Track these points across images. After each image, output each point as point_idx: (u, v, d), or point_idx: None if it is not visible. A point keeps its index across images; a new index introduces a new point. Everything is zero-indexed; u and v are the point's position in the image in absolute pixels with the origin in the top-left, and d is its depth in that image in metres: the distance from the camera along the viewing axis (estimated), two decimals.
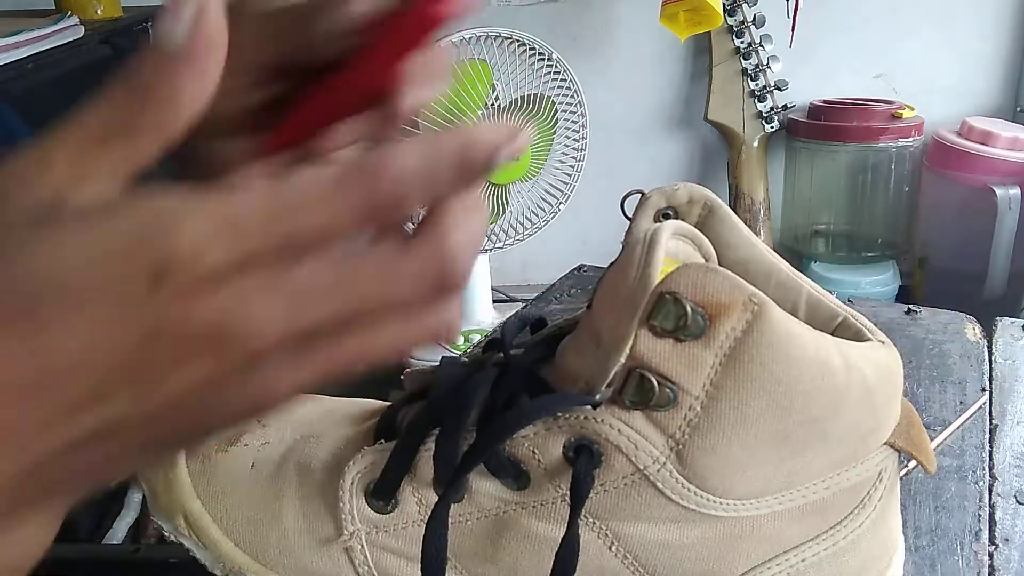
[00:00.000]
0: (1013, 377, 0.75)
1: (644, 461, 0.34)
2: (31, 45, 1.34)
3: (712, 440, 0.34)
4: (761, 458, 0.34)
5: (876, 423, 0.37)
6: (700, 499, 0.35)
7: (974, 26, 1.82)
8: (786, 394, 0.33)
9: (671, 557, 0.37)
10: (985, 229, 1.66)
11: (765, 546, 0.37)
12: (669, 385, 0.33)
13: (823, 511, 0.37)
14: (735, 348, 0.32)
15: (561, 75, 1.76)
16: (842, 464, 0.37)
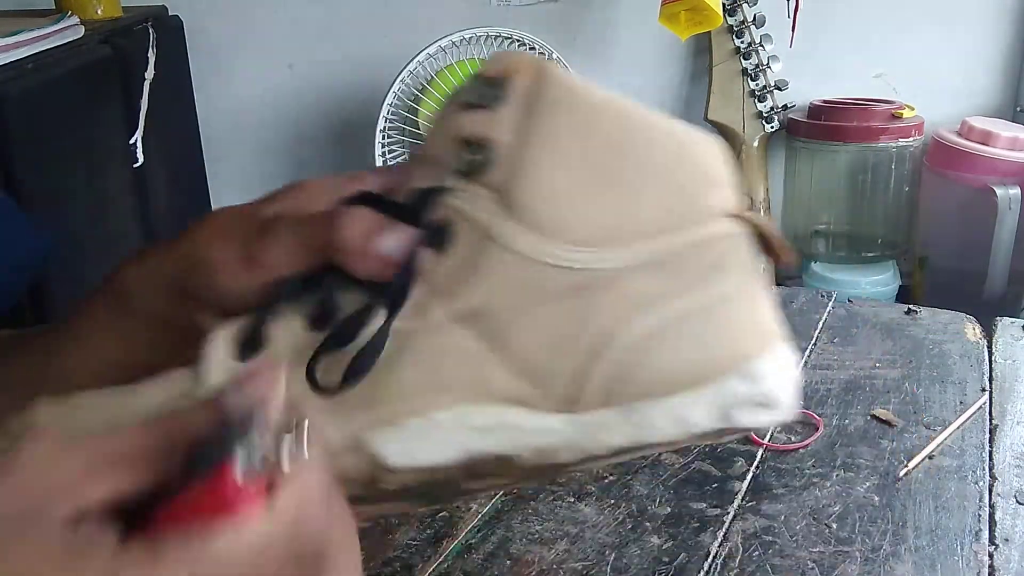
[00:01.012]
0: (1013, 377, 0.75)
1: (478, 217, 0.37)
2: (31, 45, 1.34)
3: (528, 176, 0.37)
4: (581, 188, 0.37)
5: (699, 173, 0.39)
6: (538, 243, 0.36)
7: (974, 26, 1.82)
8: (586, 119, 0.37)
9: (529, 322, 0.37)
10: (985, 229, 1.66)
11: (623, 303, 0.37)
12: (487, 144, 0.37)
13: (676, 269, 0.38)
14: (532, 94, 0.37)
15: None
16: (680, 217, 0.38)
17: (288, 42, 1.99)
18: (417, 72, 1.70)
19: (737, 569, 0.54)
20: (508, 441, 0.36)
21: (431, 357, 0.37)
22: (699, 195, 0.39)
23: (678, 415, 0.37)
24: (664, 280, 0.38)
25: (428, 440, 0.36)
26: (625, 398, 0.37)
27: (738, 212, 0.40)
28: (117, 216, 1.52)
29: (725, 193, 0.39)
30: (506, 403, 0.37)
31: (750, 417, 0.37)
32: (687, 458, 0.65)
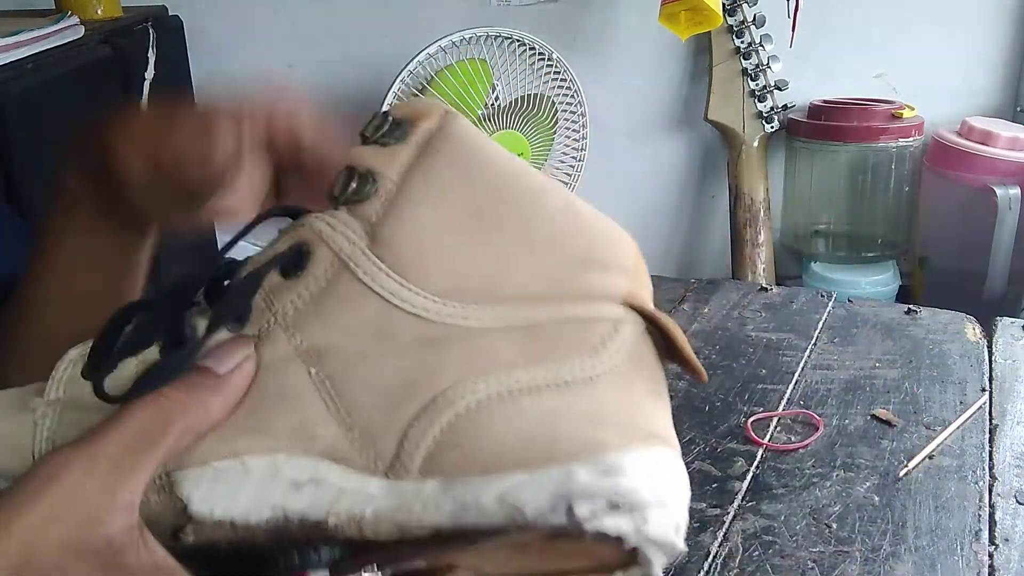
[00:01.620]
0: (1013, 377, 0.75)
1: (340, 244, 0.35)
2: (31, 45, 1.34)
3: (401, 214, 0.35)
4: (454, 237, 0.35)
5: (590, 252, 0.36)
6: (394, 283, 0.34)
7: (974, 26, 1.82)
8: (476, 172, 0.36)
9: (369, 370, 0.34)
10: (985, 229, 1.66)
11: (475, 361, 0.33)
12: (371, 176, 0.36)
13: (540, 340, 0.34)
14: (430, 140, 0.37)
15: (561, 75, 1.76)
16: (559, 289, 0.35)
17: (288, 42, 1.99)
18: (417, 72, 1.70)
19: (737, 569, 0.54)
20: (320, 501, 0.33)
21: (264, 396, 0.34)
22: (585, 273, 0.36)
23: (508, 497, 0.31)
24: (523, 348, 0.34)
25: (236, 489, 0.33)
26: (449, 468, 0.32)
27: (639, 306, 0.36)
28: None
29: (616, 280, 0.36)
30: (326, 458, 0.33)
31: (599, 516, 0.31)
32: (687, 458, 0.65)
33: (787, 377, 0.76)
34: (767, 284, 0.97)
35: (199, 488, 0.33)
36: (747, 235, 1.84)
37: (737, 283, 0.97)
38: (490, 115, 1.70)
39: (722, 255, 1.97)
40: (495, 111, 1.71)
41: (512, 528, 0.32)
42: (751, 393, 0.74)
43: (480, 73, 1.69)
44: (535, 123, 1.73)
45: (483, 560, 0.35)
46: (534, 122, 1.73)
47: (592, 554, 0.33)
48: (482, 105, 1.71)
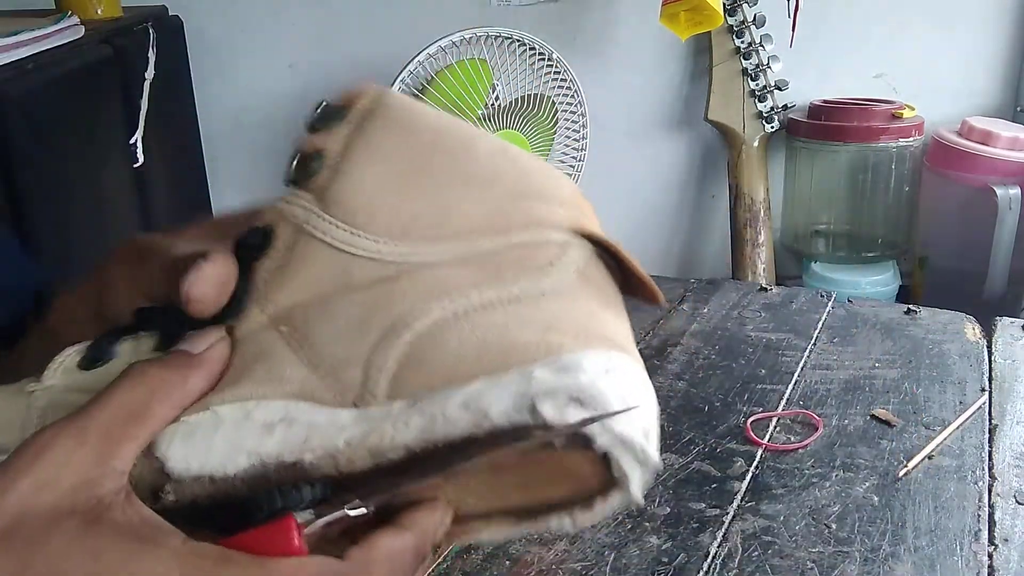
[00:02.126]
0: (1013, 377, 0.75)
1: (295, 212, 0.37)
2: (31, 45, 1.34)
3: (345, 175, 0.38)
4: (396, 186, 0.38)
5: (527, 184, 0.39)
6: (345, 233, 0.37)
7: (974, 26, 1.82)
8: (409, 129, 0.39)
9: (330, 313, 0.35)
10: (985, 229, 1.66)
11: (424, 290, 0.35)
12: (317, 154, 0.38)
13: (489, 265, 0.36)
14: (366, 113, 0.39)
15: (561, 75, 1.76)
16: (502, 222, 0.37)
17: (288, 42, 2.00)
18: (417, 72, 1.70)
19: (736, 569, 0.54)
20: (293, 439, 0.34)
21: (241, 363, 0.36)
22: (525, 203, 0.38)
23: (472, 403, 0.32)
24: (473, 274, 0.36)
25: (209, 439, 0.34)
26: (413, 386, 0.33)
27: (586, 230, 0.38)
28: (117, 216, 1.52)
29: (558, 209, 0.38)
30: (296, 398, 0.34)
31: (562, 412, 0.31)
32: (686, 458, 0.65)
33: (787, 377, 0.76)
34: (767, 284, 0.97)
35: (173, 445, 0.34)
36: (747, 235, 1.84)
37: (737, 283, 0.97)
38: (490, 115, 1.70)
39: (722, 255, 1.97)
40: (495, 111, 1.71)
41: (480, 435, 0.32)
42: (751, 393, 0.74)
43: (480, 73, 1.69)
44: (535, 123, 1.73)
45: (464, 492, 0.36)
46: (534, 122, 1.73)
47: (570, 477, 0.34)
48: (482, 105, 1.71)
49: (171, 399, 0.34)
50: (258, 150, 2.08)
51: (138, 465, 0.34)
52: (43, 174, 1.29)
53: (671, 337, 0.84)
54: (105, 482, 0.31)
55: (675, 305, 0.90)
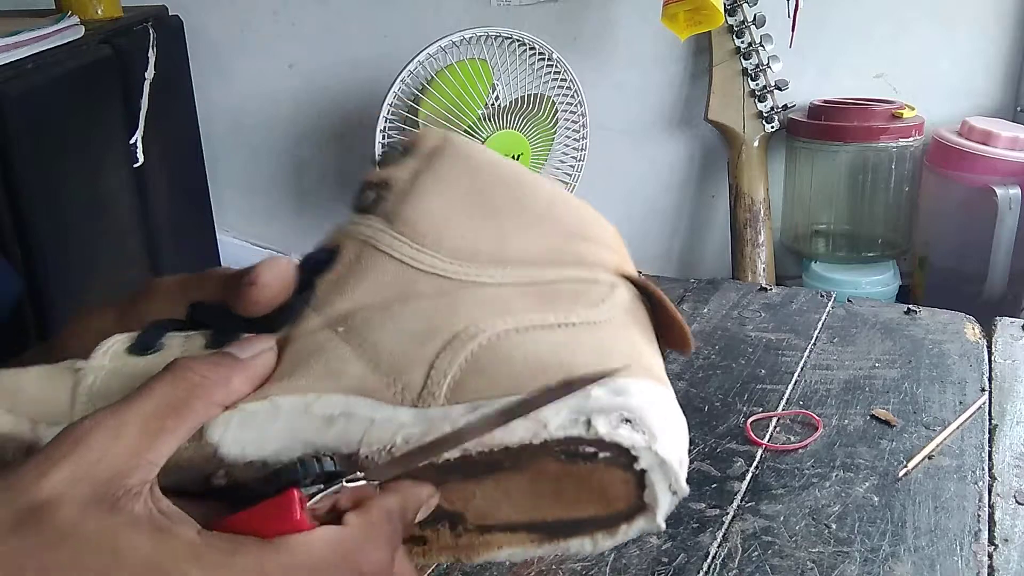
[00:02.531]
0: (1013, 377, 0.75)
1: (363, 231, 0.40)
2: (31, 45, 1.34)
3: (414, 200, 0.40)
4: (462, 213, 0.40)
5: (577, 226, 0.41)
6: (412, 249, 0.38)
7: (974, 26, 1.82)
8: (475, 165, 0.41)
9: (392, 318, 0.37)
10: (985, 229, 1.66)
11: (489, 305, 0.37)
12: (385, 183, 0.41)
13: (552, 296, 0.38)
14: (434, 151, 0.42)
15: (561, 75, 1.76)
16: (559, 256, 0.40)
17: (288, 42, 1.99)
18: (417, 72, 1.70)
19: (736, 569, 0.54)
20: (352, 433, 0.35)
21: (295, 359, 0.37)
22: (579, 244, 0.41)
23: (533, 413, 0.34)
24: (532, 299, 0.38)
25: (266, 428, 0.35)
26: (474, 393, 0.35)
27: (630, 275, 0.41)
28: (117, 216, 1.52)
29: (605, 253, 0.41)
30: (355, 393, 0.35)
31: (613, 429, 0.34)
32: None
33: (787, 377, 0.76)
34: (767, 284, 0.97)
35: (229, 431, 0.35)
36: (747, 235, 1.84)
37: (737, 283, 0.97)
38: (490, 115, 1.70)
39: (722, 255, 1.97)
40: (495, 111, 1.71)
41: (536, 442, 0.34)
42: (750, 393, 0.74)
43: (480, 73, 1.69)
44: (535, 123, 1.73)
45: (499, 498, 0.37)
46: (534, 122, 1.73)
47: (602, 497, 0.36)
48: (482, 105, 1.71)
49: (212, 397, 0.35)
50: (258, 150, 2.08)
51: (188, 449, 0.35)
52: (43, 174, 1.29)
53: None
54: (136, 473, 0.32)
55: (675, 305, 0.90)
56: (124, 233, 1.54)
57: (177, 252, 1.75)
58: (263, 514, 0.33)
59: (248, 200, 2.12)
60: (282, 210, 2.12)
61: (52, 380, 0.38)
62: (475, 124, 1.69)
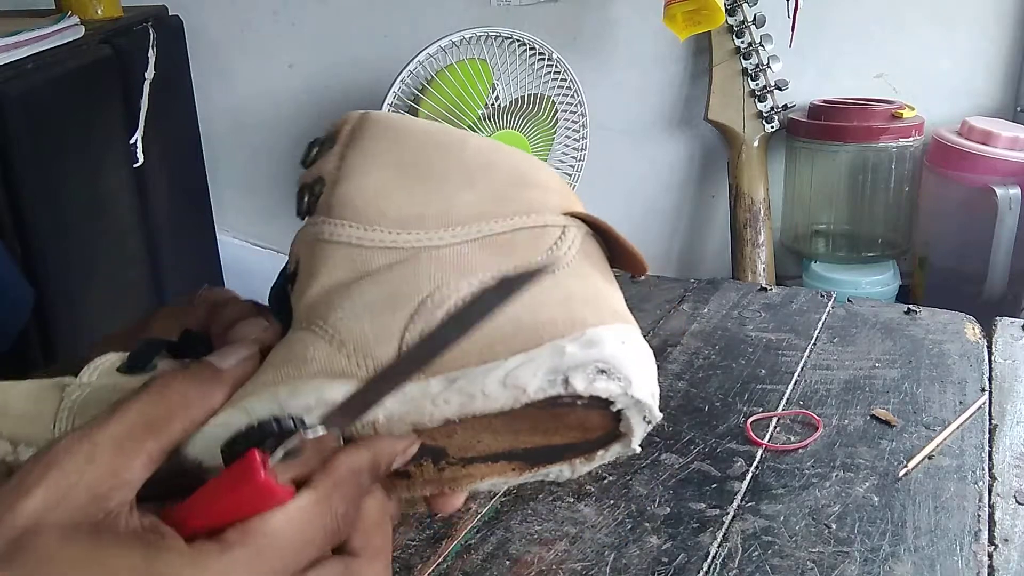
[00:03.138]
0: (1013, 377, 0.75)
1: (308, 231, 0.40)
2: (31, 45, 1.34)
3: (345, 183, 0.39)
4: (399, 180, 0.39)
5: (520, 173, 0.41)
6: (357, 230, 0.38)
7: (974, 26, 1.82)
8: (398, 135, 0.41)
9: (352, 297, 0.37)
10: (985, 229, 1.66)
11: (449, 268, 0.37)
12: (317, 180, 0.40)
13: (507, 248, 0.38)
14: (354, 133, 0.41)
15: (561, 75, 1.76)
16: (505, 207, 0.40)
17: (288, 42, 2.00)
18: (417, 72, 1.70)
19: (736, 569, 0.54)
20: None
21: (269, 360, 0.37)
22: (523, 191, 0.40)
23: (508, 378, 0.34)
24: (488, 254, 0.38)
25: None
26: (450, 363, 0.35)
27: (576, 212, 0.41)
28: (117, 216, 1.52)
29: (551, 196, 0.41)
30: (324, 376, 0.35)
31: (590, 383, 0.35)
32: (687, 458, 0.65)
33: (787, 377, 0.76)
34: (767, 284, 0.97)
35: (208, 444, 0.35)
36: (747, 235, 1.84)
37: (737, 283, 0.97)
38: (490, 115, 1.70)
39: (722, 255, 1.97)
40: (495, 111, 1.71)
41: (517, 407, 0.35)
42: (751, 393, 0.74)
43: (480, 73, 1.69)
44: (535, 123, 1.73)
45: (478, 432, 0.37)
46: (534, 122, 1.73)
47: (579, 427, 0.37)
48: (482, 105, 1.71)
49: (190, 414, 0.34)
50: (258, 150, 2.08)
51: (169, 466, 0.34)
52: (43, 174, 1.29)
53: (671, 337, 0.84)
54: (115, 495, 0.32)
55: (675, 305, 0.90)
56: (124, 233, 1.54)
57: (177, 252, 1.75)
58: (228, 483, 0.32)
59: (248, 200, 2.12)
60: (282, 210, 2.12)
61: (38, 398, 0.37)
62: (475, 124, 1.69)
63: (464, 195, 0.40)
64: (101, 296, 1.45)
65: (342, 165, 0.40)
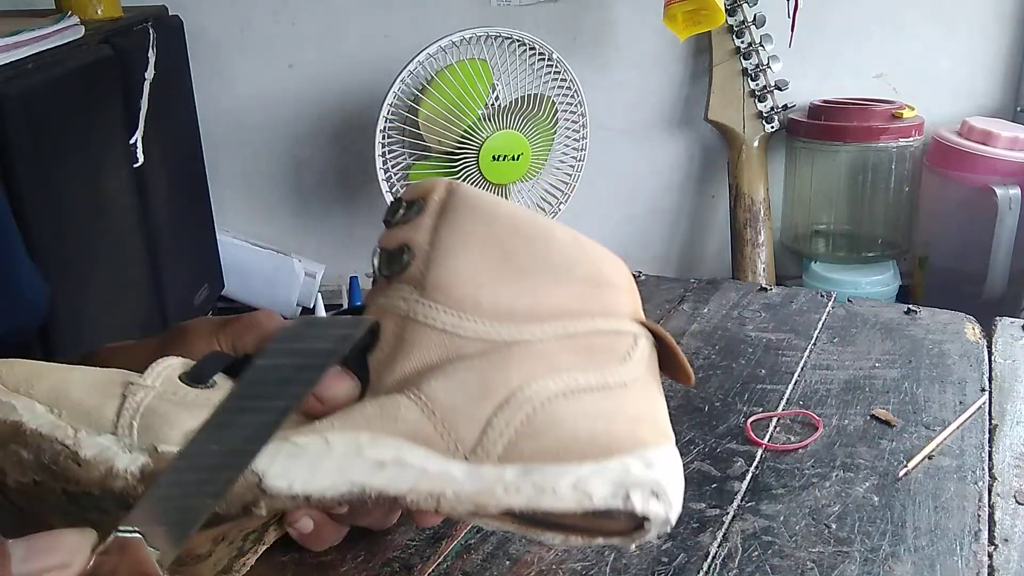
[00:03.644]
0: (1013, 377, 0.75)
1: (398, 305, 0.40)
2: (31, 45, 1.34)
3: (441, 265, 0.41)
4: (491, 270, 0.41)
5: (599, 271, 0.43)
6: (453, 317, 0.39)
7: (974, 26, 1.82)
8: (488, 215, 0.42)
9: (445, 376, 0.38)
10: (985, 229, 1.66)
11: (538, 363, 0.39)
12: (404, 247, 0.41)
13: (588, 350, 0.40)
14: (445, 205, 0.42)
15: (561, 75, 1.76)
16: (587, 307, 0.42)
17: (288, 42, 2.00)
18: (417, 72, 1.70)
19: (736, 569, 0.54)
20: (402, 480, 0.36)
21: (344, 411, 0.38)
22: (602, 293, 0.42)
23: (579, 483, 0.37)
24: (573, 354, 0.40)
25: (316, 465, 0.36)
26: (528, 456, 0.37)
27: (642, 320, 0.43)
28: (117, 216, 1.52)
29: (625, 298, 0.43)
30: (409, 439, 0.37)
31: (644, 503, 0.37)
32: (686, 458, 0.65)
33: (787, 377, 0.76)
34: (767, 284, 0.97)
35: (276, 463, 0.36)
36: (747, 235, 1.84)
37: (737, 283, 0.96)
38: (490, 115, 1.70)
39: (722, 255, 1.97)
40: (495, 111, 1.71)
41: (577, 512, 0.37)
42: (750, 393, 0.74)
43: (480, 73, 1.69)
44: (535, 123, 1.73)
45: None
46: (534, 122, 1.73)
47: (602, 525, 0.39)
48: (482, 105, 1.71)
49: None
50: (258, 150, 2.08)
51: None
52: (43, 174, 1.29)
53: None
54: None
55: (675, 305, 0.90)
56: (124, 233, 1.54)
57: (177, 252, 1.75)
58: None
59: (248, 200, 2.12)
60: (282, 210, 2.13)
61: (99, 388, 0.38)
62: (475, 124, 1.69)
63: (550, 291, 0.41)
64: (101, 296, 1.45)
65: (435, 241, 0.41)
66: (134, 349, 0.44)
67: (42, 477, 0.37)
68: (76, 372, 0.39)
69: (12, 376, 0.38)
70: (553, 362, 0.39)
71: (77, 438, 0.36)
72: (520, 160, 1.72)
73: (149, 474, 0.36)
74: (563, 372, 0.39)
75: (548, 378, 0.39)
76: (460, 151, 1.71)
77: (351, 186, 2.07)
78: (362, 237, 2.11)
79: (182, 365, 0.40)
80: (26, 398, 0.37)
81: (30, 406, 0.37)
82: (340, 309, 0.42)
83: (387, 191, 1.73)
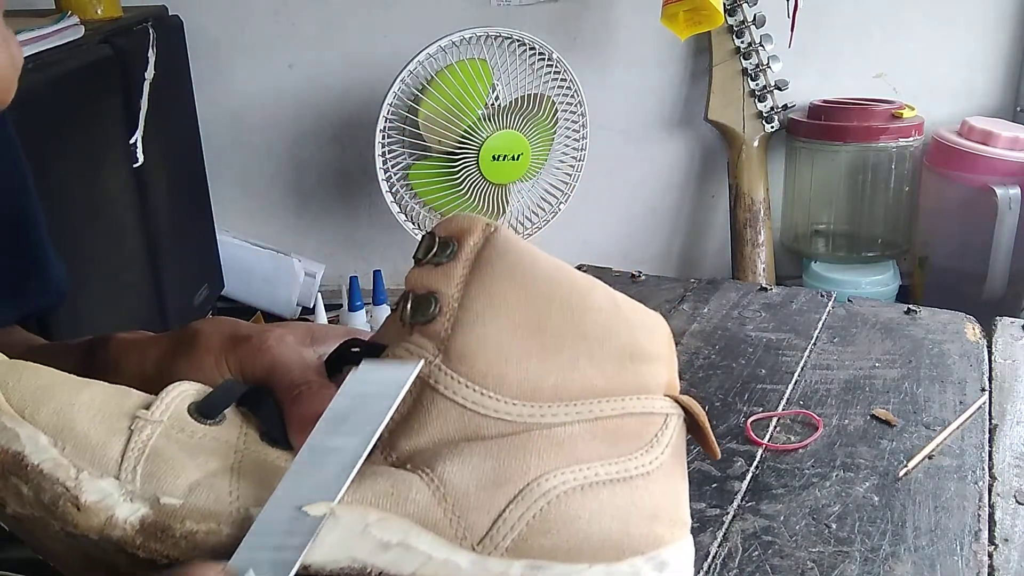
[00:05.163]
0: (1013, 377, 0.75)
1: (421, 369, 0.38)
2: (31, 45, 1.34)
3: (468, 330, 0.38)
4: (520, 344, 0.39)
5: (635, 343, 0.41)
6: (475, 393, 0.38)
7: (974, 26, 1.82)
8: (524, 275, 0.39)
9: (460, 459, 0.37)
10: (985, 229, 1.66)
11: (558, 453, 0.38)
12: (433, 297, 0.39)
13: (613, 436, 0.39)
14: (479, 255, 0.39)
15: (561, 75, 1.76)
16: (617, 384, 0.40)
17: (288, 42, 2.00)
18: (417, 72, 1.70)
19: (736, 569, 0.54)
20: (405, 563, 0.36)
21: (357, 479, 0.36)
22: (635, 366, 0.40)
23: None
24: (596, 441, 0.39)
25: (322, 538, 0.35)
26: (537, 552, 0.36)
27: (675, 396, 0.42)
28: (117, 216, 1.52)
29: (660, 370, 0.41)
30: (417, 523, 0.36)
31: None
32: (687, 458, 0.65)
33: (787, 377, 0.76)
34: (767, 284, 0.97)
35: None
36: (747, 235, 1.84)
37: (737, 283, 0.96)
38: (490, 115, 1.70)
39: (722, 255, 1.97)
40: (495, 111, 1.71)
41: None
42: (751, 393, 0.74)
43: (480, 73, 1.69)
44: (535, 123, 1.73)
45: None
46: (534, 122, 1.73)
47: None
48: (482, 105, 1.71)
49: None
50: (258, 150, 2.08)
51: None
52: (43, 174, 1.29)
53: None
54: None
55: (675, 305, 0.90)
56: (124, 233, 1.54)
57: (177, 252, 1.75)
58: None
59: (248, 200, 2.12)
60: (282, 210, 2.13)
61: (106, 421, 0.37)
62: (475, 124, 1.69)
63: (581, 368, 0.39)
64: (101, 296, 1.45)
65: (464, 300, 0.39)
66: (146, 348, 0.44)
67: (41, 513, 0.36)
68: (84, 393, 0.38)
69: (18, 392, 0.37)
70: (574, 451, 0.38)
71: (79, 480, 0.35)
72: (520, 160, 1.72)
73: (148, 525, 0.35)
74: (583, 463, 0.38)
75: (567, 470, 0.38)
76: (460, 151, 1.71)
77: (351, 186, 2.07)
78: (362, 237, 2.11)
79: (194, 393, 0.39)
80: (30, 425, 0.36)
81: (34, 436, 0.36)
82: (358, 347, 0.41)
83: (387, 191, 1.73)
